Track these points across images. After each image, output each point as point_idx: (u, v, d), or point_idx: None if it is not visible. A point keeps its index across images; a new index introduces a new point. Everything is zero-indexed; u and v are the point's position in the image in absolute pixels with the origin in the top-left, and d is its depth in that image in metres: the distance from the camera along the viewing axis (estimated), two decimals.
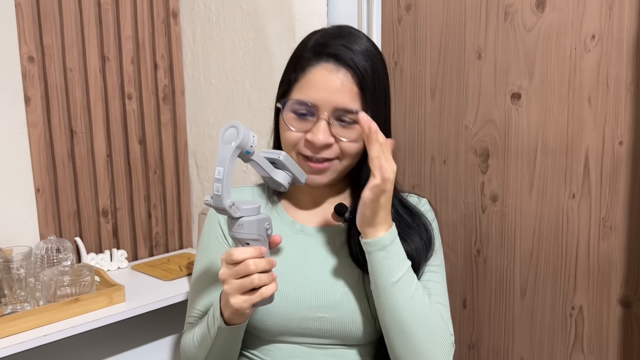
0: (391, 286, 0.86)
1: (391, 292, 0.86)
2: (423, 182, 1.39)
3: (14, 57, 1.51)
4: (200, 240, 1.07)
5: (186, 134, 1.91)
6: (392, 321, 0.87)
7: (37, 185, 1.58)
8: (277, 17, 1.53)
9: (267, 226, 0.85)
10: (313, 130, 0.92)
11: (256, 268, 0.81)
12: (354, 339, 0.96)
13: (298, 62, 0.95)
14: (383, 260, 0.86)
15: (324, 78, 0.91)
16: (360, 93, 0.91)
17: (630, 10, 1.04)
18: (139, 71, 1.77)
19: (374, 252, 0.86)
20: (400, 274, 0.86)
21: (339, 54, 0.90)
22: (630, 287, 1.10)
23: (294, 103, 0.93)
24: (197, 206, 1.93)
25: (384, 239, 0.86)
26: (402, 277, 0.86)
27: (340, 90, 0.90)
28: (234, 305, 0.83)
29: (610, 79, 1.08)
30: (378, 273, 0.87)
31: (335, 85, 0.90)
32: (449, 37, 1.29)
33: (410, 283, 0.87)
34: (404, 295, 0.86)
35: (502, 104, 1.22)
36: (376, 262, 0.86)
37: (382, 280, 0.86)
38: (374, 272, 0.87)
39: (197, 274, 1.04)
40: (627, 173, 1.08)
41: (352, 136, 0.92)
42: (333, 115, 0.91)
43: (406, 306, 0.86)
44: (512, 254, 1.25)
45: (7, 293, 1.30)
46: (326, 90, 0.90)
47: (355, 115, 0.91)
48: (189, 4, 1.81)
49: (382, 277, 0.86)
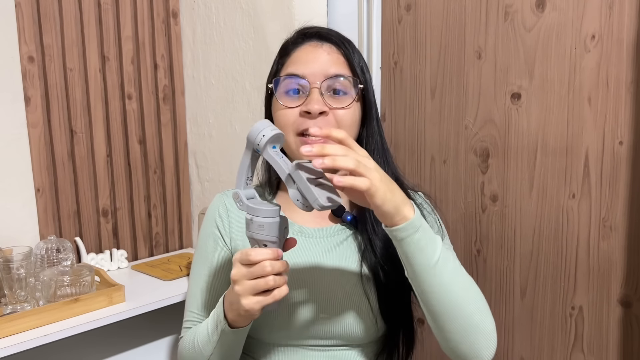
0: (435, 265, 0.80)
1: (437, 271, 0.80)
2: (423, 182, 1.39)
3: (14, 57, 1.51)
4: (198, 242, 1.07)
5: (186, 133, 1.91)
6: (441, 300, 0.82)
7: (37, 185, 1.58)
8: (277, 17, 1.53)
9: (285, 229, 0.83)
10: (307, 101, 0.93)
11: (272, 270, 0.79)
12: (356, 339, 0.96)
13: (283, 49, 1.00)
14: (420, 242, 0.79)
15: (310, 52, 0.96)
16: (347, 62, 0.96)
17: (630, 10, 1.04)
18: (139, 71, 1.77)
19: (409, 236, 0.79)
20: (439, 251, 0.81)
21: (320, 31, 0.98)
22: (630, 287, 1.10)
23: (285, 79, 0.95)
24: (197, 206, 1.93)
25: (415, 220, 0.79)
26: (440, 253, 0.81)
27: (327, 60, 0.94)
28: (245, 307, 0.80)
29: (610, 79, 1.08)
30: (418, 256, 0.80)
31: (322, 57, 0.95)
32: (449, 37, 1.29)
33: (448, 256, 0.83)
34: (448, 270, 0.81)
35: (502, 104, 1.22)
36: (414, 246, 0.79)
37: (425, 262, 0.80)
38: (413, 256, 0.80)
39: (195, 276, 1.02)
40: (627, 173, 1.08)
41: (345, 103, 0.94)
42: (325, 86, 0.93)
43: (454, 281, 0.82)
44: (512, 254, 1.25)
45: (7, 293, 1.30)
46: (314, 61, 0.94)
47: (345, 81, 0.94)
48: (189, 4, 1.81)
49: (423, 260, 0.80)
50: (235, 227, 1.02)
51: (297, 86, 0.94)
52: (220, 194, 1.08)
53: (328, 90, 0.93)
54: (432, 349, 1.41)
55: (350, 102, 0.94)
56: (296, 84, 0.94)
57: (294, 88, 0.94)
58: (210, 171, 1.85)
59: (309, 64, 0.94)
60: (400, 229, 0.78)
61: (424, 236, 0.79)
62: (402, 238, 0.79)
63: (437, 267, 0.80)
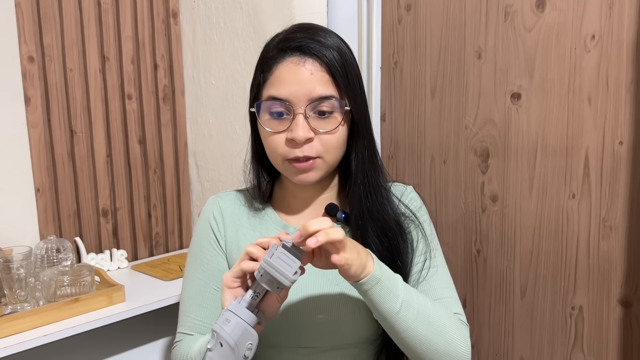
0: (398, 312, 0.84)
1: (400, 316, 0.84)
2: (423, 182, 1.39)
3: (14, 57, 1.51)
4: (191, 244, 1.05)
5: (186, 134, 1.91)
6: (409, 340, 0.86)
7: (37, 185, 1.59)
8: (277, 17, 1.53)
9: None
10: (291, 127, 0.90)
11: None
12: (354, 340, 0.96)
13: (264, 62, 0.94)
14: (382, 291, 0.83)
15: (292, 72, 0.90)
16: (332, 80, 0.90)
17: (630, 10, 1.04)
18: (139, 71, 1.77)
19: (372, 287, 0.82)
20: (401, 297, 0.84)
21: (302, 45, 0.90)
22: (630, 287, 1.10)
23: (267, 102, 0.92)
24: (197, 206, 1.93)
25: (375, 272, 0.82)
26: (403, 298, 0.84)
27: (311, 80, 0.89)
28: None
29: (610, 79, 1.08)
30: (382, 305, 0.84)
31: (304, 76, 0.89)
32: (449, 37, 1.29)
33: (411, 299, 0.86)
34: (412, 313, 0.85)
35: (502, 104, 1.22)
36: (377, 296, 0.83)
37: (389, 309, 0.84)
38: (377, 304, 0.84)
39: (190, 281, 1.01)
40: (627, 173, 1.08)
41: (330, 127, 0.91)
42: (309, 108, 0.90)
43: (418, 322, 0.85)
44: (512, 254, 1.25)
45: (7, 293, 1.30)
46: (296, 83, 0.89)
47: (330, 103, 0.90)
48: (189, 4, 1.81)
49: (387, 307, 0.84)
50: (230, 231, 1.01)
51: (281, 109, 0.91)
52: (213, 196, 1.06)
53: (314, 112, 0.90)
54: None
55: (336, 125, 0.91)
56: (279, 107, 0.91)
57: (278, 111, 0.91)
58: (210, 171, 1.85)
59: (291, 85, 0.89)
60: (363, 282, 0.82)
61: (385, 286, 0.83)
62: (365, 290, 0.83)
63: (400, 313, 0.84)
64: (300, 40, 0.90)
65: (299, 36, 0.91)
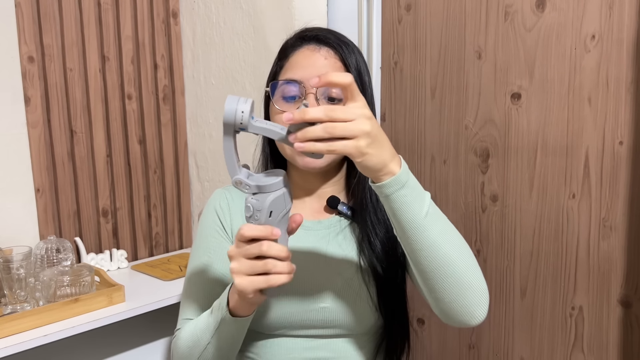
0: (422, 220, 0.78)
1: (425, 226, 0.78)
2: (423, 182, 1.38)
3: (14, 57, 1.51)
4: (197, 234, 1.05)
5: (186, 134, 1.91)
6: (431, 258, 0.80)
7: (37, 185, 1.58)
8: (277, 17, 1.53)
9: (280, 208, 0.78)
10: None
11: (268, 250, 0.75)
12: (356, 328, 0.96)
13: (282, 51, 1.00)
14: (407, 197, 0.77)
15: (307, 57, 0.95)
16: (344, 67, 0.96)
17: (630, 10, 1.04)
18: (139, 71, 1.77)
19: (395, 192, 0.76)
20: (426, 207, 0.79)
21: (319, 35, 0.97)
22: (630, 287, 1.10)
23: (282, 84, 0.95)
24: (197, 206, 1.93)
25: (401, 175, 0.76)
26: (429, 208, 0.79)
27: (324, 65, 0.94)
28: (238, 286, 0.77)
29: (610, 79, 1.08)
30: (405, 213, 0.77)
31: (319, 61, 0.95)
32: (449, 37, 1.29)
33: (437, 212, 0.81)
34: (437, 227, 0.80)
35: (502, 104, 1.22)
36: (400, 202, 0.77)
37: (412, 218, 0.78)
38: (400, 212, 0.78)
39: (194, 268, 1.01)
40: (627, 173, 1.08)
41: None
42: (320, 91, 0.93)
43: (443, 238, 0.80)
44: (512, 254, 1.25)
45: (7, 293, 1.30)
46: (311, 67, 0.94)
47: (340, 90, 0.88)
48: (189, 4, 1.81)
49: (410, 215, 0.77)
50: (236, 221, 1.02)
51: (294, 92, 0.94)
52: (220, 189, 1.08)
53: (324, 97, 0.93)
54: (432, 349, 1.41)
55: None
56: (293, 90, 0.94)
57: (291, 95, 0.94)
58: (210, 171, 1.85)
59: (305, 68, 0.94)
60: (385, 185, 0.76)
61: (410, 192, 0.77)
62: (387, 194, 0.77)
63: (425, 224, 0.78)
64: (318, 32, 0.98)
65: (316, 30, 0.99)
